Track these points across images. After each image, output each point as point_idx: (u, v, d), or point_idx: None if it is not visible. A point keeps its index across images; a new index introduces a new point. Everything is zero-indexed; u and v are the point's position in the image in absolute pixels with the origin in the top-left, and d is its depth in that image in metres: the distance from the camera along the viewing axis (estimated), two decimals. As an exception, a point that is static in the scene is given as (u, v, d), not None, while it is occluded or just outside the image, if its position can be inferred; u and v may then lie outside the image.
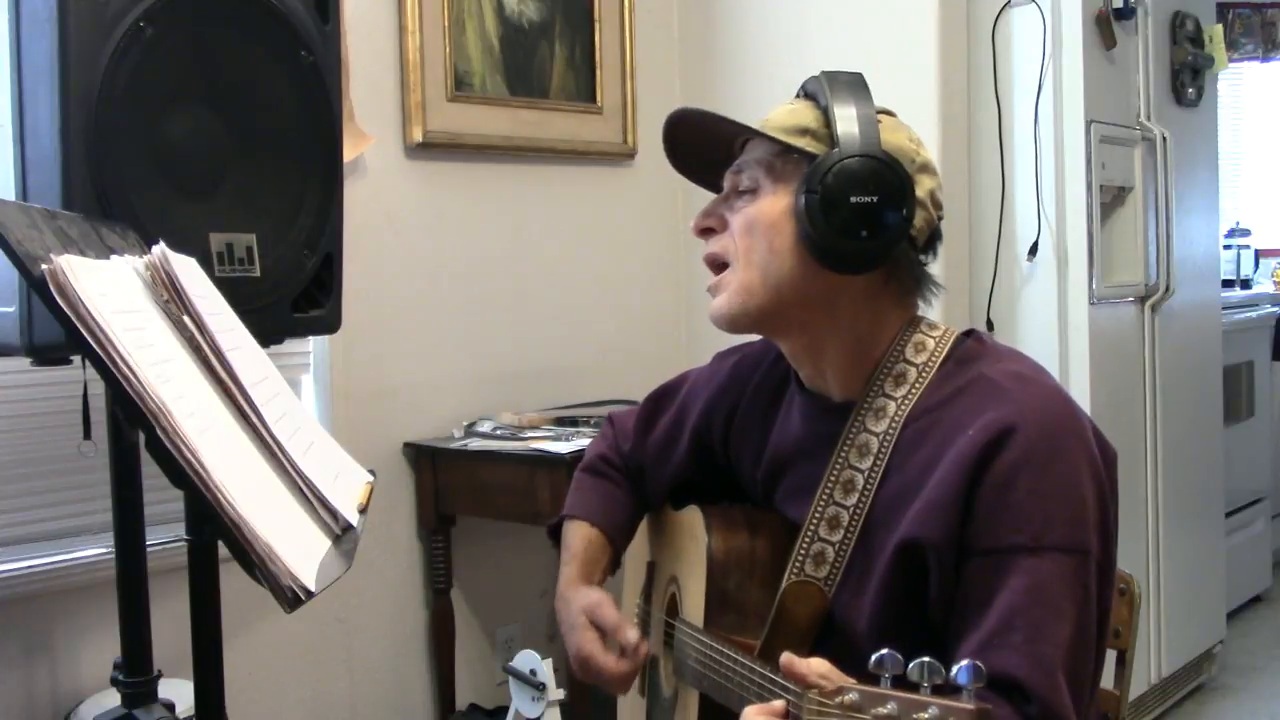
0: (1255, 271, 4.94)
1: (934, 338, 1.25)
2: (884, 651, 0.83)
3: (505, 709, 2.42)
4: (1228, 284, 4.45)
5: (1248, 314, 4.18)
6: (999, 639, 1.07)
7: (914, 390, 1.22)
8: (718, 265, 1.29)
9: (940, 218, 1.28)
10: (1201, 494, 3.36)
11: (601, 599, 1.44)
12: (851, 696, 0.83)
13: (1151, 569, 3.05)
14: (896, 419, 1.21)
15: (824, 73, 1.27)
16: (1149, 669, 3.06)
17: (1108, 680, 1.51)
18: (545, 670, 2.29)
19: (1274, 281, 4.92)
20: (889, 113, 1.30)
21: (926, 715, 0.77)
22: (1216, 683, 3.45)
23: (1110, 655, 1.54)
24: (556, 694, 2.29)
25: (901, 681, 0.83)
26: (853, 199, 1.17)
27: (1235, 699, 3.37)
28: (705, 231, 1.30)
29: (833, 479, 1.23)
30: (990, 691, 1.04)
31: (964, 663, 0.79)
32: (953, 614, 1.14)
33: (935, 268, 1.32)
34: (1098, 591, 1.14)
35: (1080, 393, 2.77)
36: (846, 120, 1.21)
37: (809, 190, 1.18)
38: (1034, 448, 1.12)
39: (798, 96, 1.31)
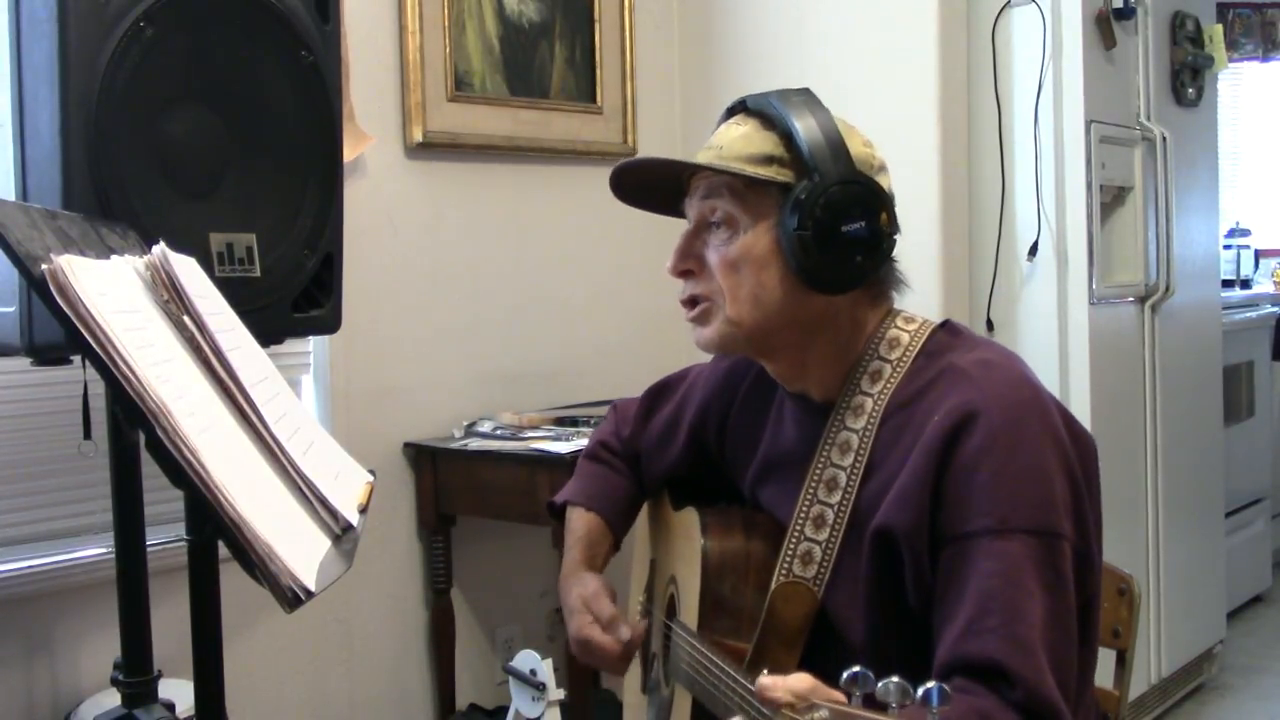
0: (1255, 271, 4.94)
1: (909, 332, 1.26)
2: (855, 669, 0.84)
3: (505, 709, 2.42)
4: (1228, 284, 4.45)
5: (1248, 314, 4.18)
6: (976, 625, 1.08)
7: (889, 385, 1.23)
8: (697, 304, 1.29)
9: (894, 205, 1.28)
10: (1201, 494, 3.36)
11: (598, 589, 1.46)
12: (821, 714, 0.85)
13: (1151, 569, 3.05)
14: (874, 415, 1.22)
15: (775, 92, 1.26)
16: (1149, 669, 3.06)
17: (1108, 680, 1.51)
18: (545, 670, 2.29)
19: (1274, 281, 4.92)
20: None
21: None
22: (1216, 683, 3.45)
23: (1110, 655, 1.54)
24: (556, 694, 2.29)
25: (872, 701, 0.84)
26: (844, 228, 1.18)
27: (1235, 699, 3.36)
28: (684, 273, 1.30)
29: (816, 478, 1.24)
30: (974, 680, 1.06)
31: (930, 685, 0.80)
32: (934, 605, 1.14)
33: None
34: (1077, 578, 1.14)
35: (1080, 393, 2.77)
36: (815, 143, 1.20)
37: (799, 227, 1.18)
38: (997, 432, 1.13)
39: (736, 115, 1.30)
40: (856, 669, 0.84)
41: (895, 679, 0.82)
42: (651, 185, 1.36)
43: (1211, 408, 3.46)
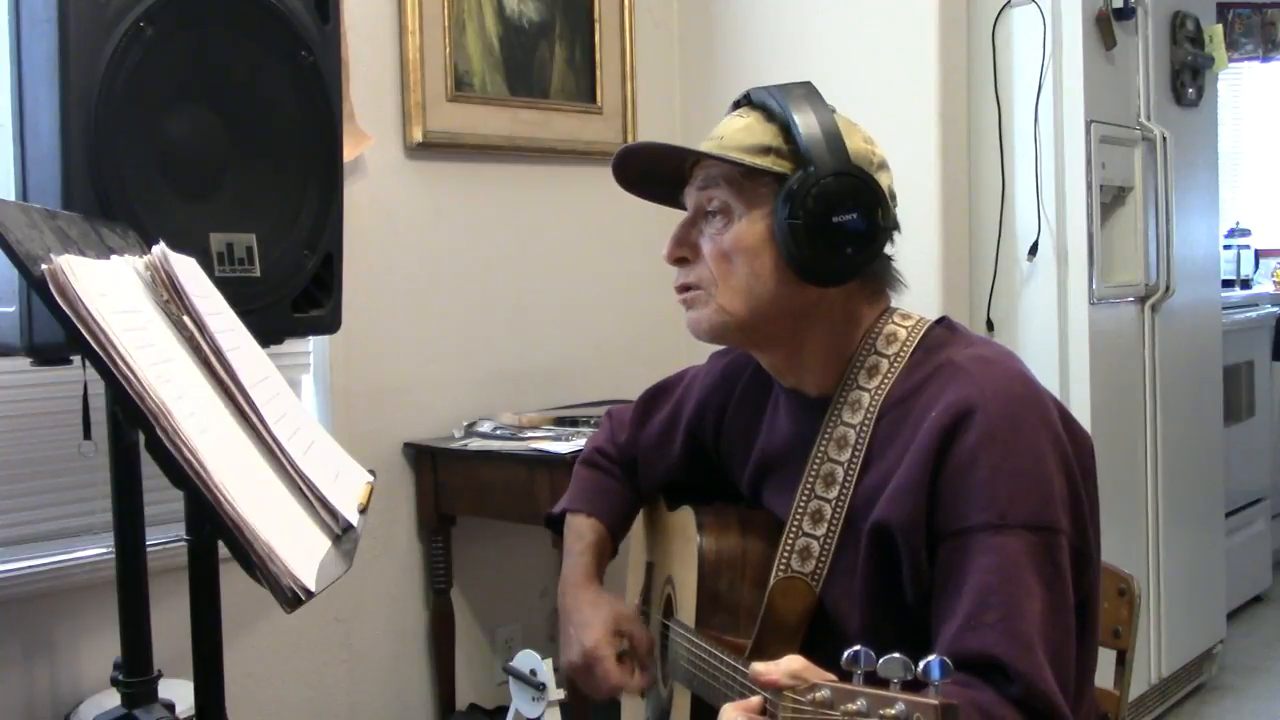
0: (1255, 271, 4.94)
1: (906, 327, 1.27)
2: (856, 648, 0.84)
3: (505, 709, 2.42)
4: (1228, 284, 4.45)
5: (1248, 314, 4.18)
6: (974, 620, 1.08)
7: (886, 380, 1.23)
8: (689, 292, 1.30)
9: (895, 206, 1.28)
10: (1201, 494, 3.36)
11: (635, 615, 1.47)
12: (823, 693, 0.85)
13: (1151, 569, 3.05)
14: (871, 410, 1.23)
15: (778, 85, 1.27)
16: (1149, 669, 3.05)
17: (1108, 680, 1.51)
18: (545, 670, 2.29)
19: (1274, 281, 4.92)
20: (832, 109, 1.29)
21: (894, 711, 0.78)
22: (1216, 683, 3.45)
23: (1110, 655, 1.54)
24: (556, 694, 2.29)
25: (873, 678, 0.83)
26: (835, 219, 1.19)
27: (1235, 699, 3.36)
28: (679, 260, 1.31)
29: (813, 473, 1.24)
30: (972, 675, 1.05)
31: (932, 658, 0.80)
32: (932, 600, 1.15)
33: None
34: (1074, 573, 1.14)
35: (1080, 392, 2.77)
36: (812, 136, 1.21)
37: (790, 216, 1.19)
38: (994, 427, 1.13)
39: (740, 107, 1.31)
40: (857, 648, 0.85)
41: (896, 655, 0.82)
42: (653, 173, 1.36)
43: (1211, 408, 3.46)
